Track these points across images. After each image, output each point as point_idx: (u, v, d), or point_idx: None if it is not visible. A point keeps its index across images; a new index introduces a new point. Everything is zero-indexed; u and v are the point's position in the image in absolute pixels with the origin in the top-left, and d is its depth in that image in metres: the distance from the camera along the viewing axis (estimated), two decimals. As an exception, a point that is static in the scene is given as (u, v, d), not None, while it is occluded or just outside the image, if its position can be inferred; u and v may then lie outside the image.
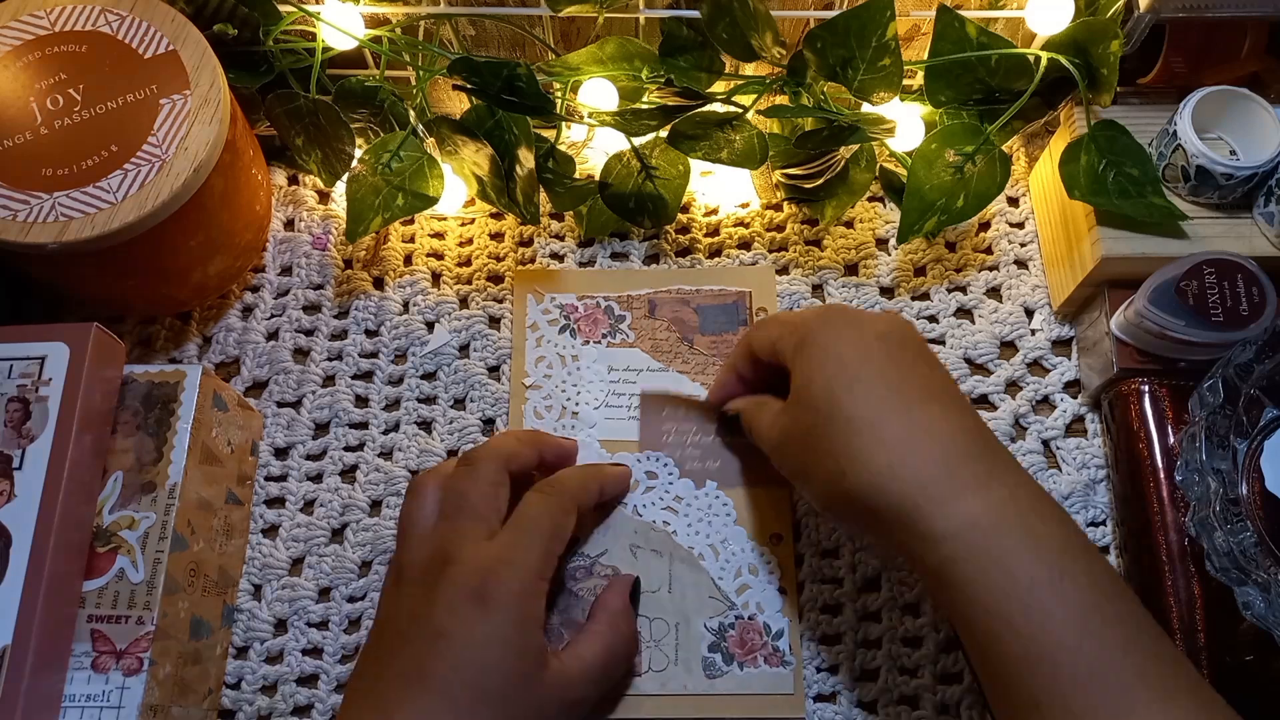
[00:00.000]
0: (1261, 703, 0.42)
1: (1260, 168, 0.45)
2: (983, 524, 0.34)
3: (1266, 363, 0.42)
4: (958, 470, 0.35)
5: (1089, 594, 0.33)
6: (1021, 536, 0.34)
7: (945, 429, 0.37)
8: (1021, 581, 0.33)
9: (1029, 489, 0.36)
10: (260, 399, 0.52)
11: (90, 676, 0.41)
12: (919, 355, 0.40)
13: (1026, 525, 0.34)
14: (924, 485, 0.35)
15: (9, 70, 0.46)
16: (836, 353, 0.39)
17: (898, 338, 0.39)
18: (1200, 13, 0.47)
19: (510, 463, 0.43)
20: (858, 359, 0.38)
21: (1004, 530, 0.34)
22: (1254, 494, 0.42)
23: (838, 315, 0.41)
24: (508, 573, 0.39)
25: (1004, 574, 0.33)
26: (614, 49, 0.49)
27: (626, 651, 0.44)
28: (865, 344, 0.39)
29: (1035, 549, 0.34)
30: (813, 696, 0.46)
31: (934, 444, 0.36)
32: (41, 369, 0.43)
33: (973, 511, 0.34)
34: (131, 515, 0.43)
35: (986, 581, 0.33)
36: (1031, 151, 0.57)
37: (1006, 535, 0.34)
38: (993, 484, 0.35)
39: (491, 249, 0.56)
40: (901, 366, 0.38)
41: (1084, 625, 0.32)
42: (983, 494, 0.35)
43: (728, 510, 0.49)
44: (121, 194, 0.44)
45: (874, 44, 0.46)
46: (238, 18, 0.49)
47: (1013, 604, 0.33)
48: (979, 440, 0.37)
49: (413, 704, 0.37)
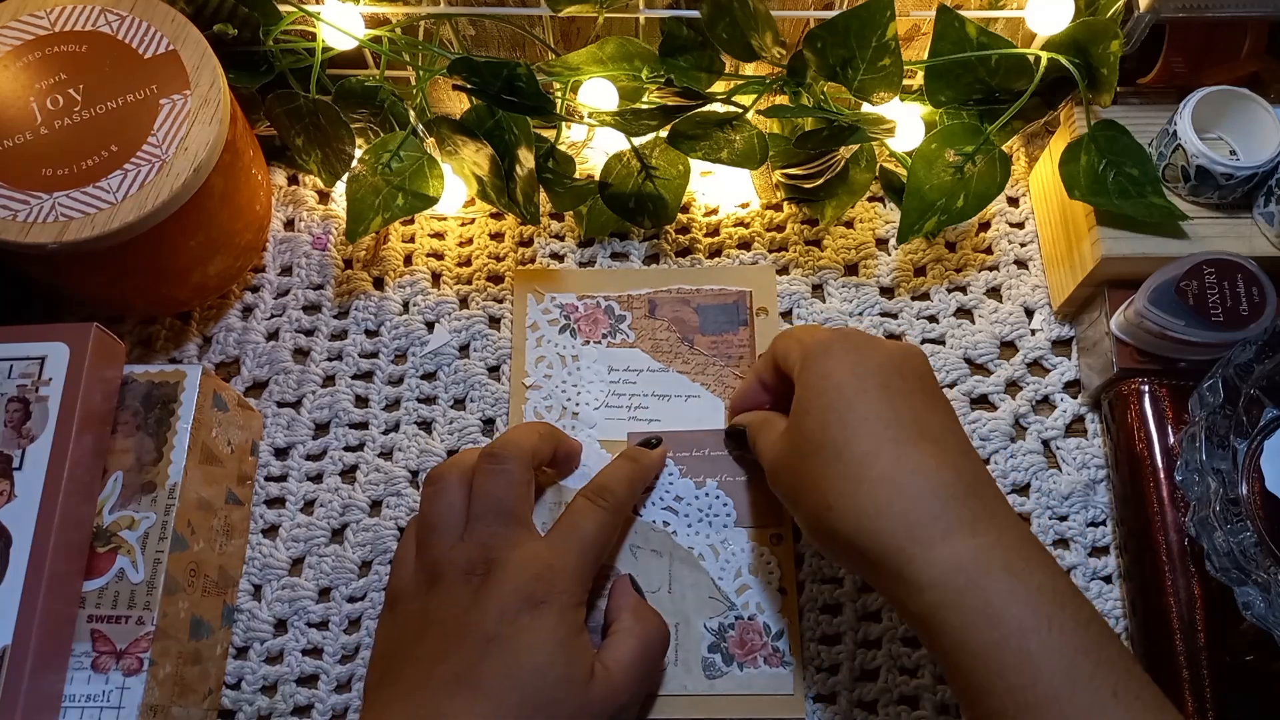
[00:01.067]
0: (1261, 703, 0.42)
1: (1260, 168, 0.45)
2: (968, 569, 0.34)
3: (1266, 363, 0.42)
4: (944, 514, 0.35)
5: (1077, 640, 0.32)
6: (1008, 582, 0.33)
7: (934, 469, 0.36)
8: (1009, 629, 0.32)
9: (1016, 533, 0.35)
10: (260, 399, 0.52)
11: (90, 676, 0.41)
12: (918, 388, 0.39)
13: (1013, 570, 0.34)
14: (909, 528, 0.35)
15: (9, 70, 0.46)
16: (835, 381, 0.39)
17: (897, 368, 0.39)
18: (1200, 13, 0.47)
19: (534, 459, 0.44)
20: (854, 389, 0.38)
21: (989, 576, 0.33)
22: (1254, 494, 0.42)
23: (842, 341, 0.40)
24: (559, 580, 0.39)
25: (990, 622, 0.33)
26: (614, 49, 0.49)
27: (661, 639, 0.43)
28: (864, 374, 0.38)
29: (1023, 595, 0.33)
30: (812, 696, 0.46)
31: (922, 485, 0.35)
32: (41, 369, 0.43)
33: (958, 556, 0.34)
34: (131, 515, 0.43)
35: (973, 629, 0.33)
36: (1031, 151, 0.57)
37: (992, 581, 0.33)
38: (979, 528, 0.35)
39: (491, 249, 0.56)
40: (897, 400, 0.38)
41: (1074, 673, 0.32)
42: (969, 539, 0.34)
43: (728, 510, 0.49)
44: (121, 194, 0.44)
45: (874, 44, 0.46)
46: (238, 18, 0.49)
47: (1000, 653, 0.32)
48: (969, 482, 0.36)
49: (465, 708, 0.37)
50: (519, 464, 0.42)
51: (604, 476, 0.45)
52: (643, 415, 0.51)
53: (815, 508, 0.37)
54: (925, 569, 0.34)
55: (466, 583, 0.40)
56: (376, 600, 0.48)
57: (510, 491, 0.41)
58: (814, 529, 0.38)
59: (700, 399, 0.51)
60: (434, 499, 0.42)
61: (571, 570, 0.40)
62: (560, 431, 0.48)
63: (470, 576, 0.40)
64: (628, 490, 0.45)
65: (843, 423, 0.37)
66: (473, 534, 0.41)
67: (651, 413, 0.51)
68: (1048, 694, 0.32)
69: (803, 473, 0.38)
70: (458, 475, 0.42)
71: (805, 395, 0.39)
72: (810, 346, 0.40)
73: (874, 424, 0.37)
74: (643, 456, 0.48)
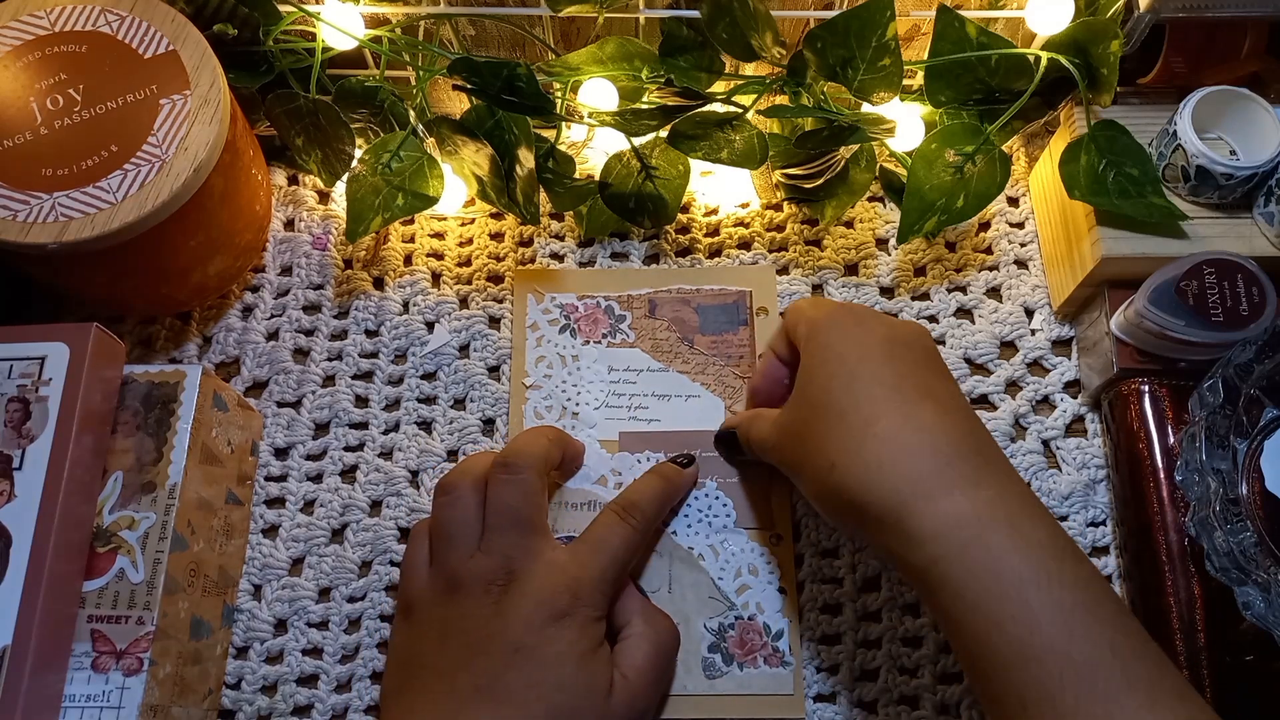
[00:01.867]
0: (1261, 703, 0.42)
1: (1260, 168, 0.45)
2: (969, 523, 0.34)
3: (1266, 363, 0.42)
4: (946, 469, 0.35)
5: (1077, 595, 0.33)
6: (1009, 536, 0.34)
7: (938, 427, 0.36)
8: (1009, 582, 0.33)
9: (1018, 490, 0.36)
10: (260, 399, 0.52)
11: (90, 676, 0.41)
12: (923, 359, 0.39)
13: (1014, 525, 0.34)
14: (912, 482, 0.35)
15: (9, 70, 0.46)
16: (838, 351, 0.39)
17: (903, 340, 0.39)
18: (1200, 13, 0.47)
19: (547, 466, 0.44)
20: (857, 357, 0.39)
21: (991, 530, 0.34)
22: (1254, 494, 0.42)
23: (848, 314, 0.41)
24: (584, 592, 0.40)
25: (991, 574, 0.33)
26: (614, 49, 0.49)
27: (673, 641, 0.44)
28: (868, 343, 0.39)
29: (1023, 549, 0.33)
30: (813, 696, 0.46)
31: (924, 441, 0.36)
32: (41, 369, 0.43)
33: (960, 510, 0.34)
34: (131, 515, 0.43)
35: (973, 581, 0.33)
36: (1031, 151, 0.57)
37: (994, 534, 0.34)
38: (981, 483, 0.35)
39: (491, 249, 0.56)
40: (901, 367, 0.38)
41: (1071, 627, 0.32)
42: (970, 493, 0.35)
43: (727, 510, 0.49)
44: (121, 194, 0.44)
45: (874, 44, 0.46)
46: (238, 18, 0.49)
47: (1000, 605, 0.33)
48: (971, 440, 0.37)
49: (487, 716, 0.37)
50: (533, 472, 0.42)
51: (635, 493, 0.45)
52: (643, 415, 0.51)
53: (819, 468, 0.38)
54: (927, 521, 0.34)
55: (487, 593, 0.40)
56: (376, 600, 0.48)
57: (526, 501, 0.41)
58: (818, 490, 0.38)
59: (700, 399, 0.51)
60: (448, 508, 0.42)
61: (595, 584, 0.40)
62: (566, 435, 0.48)
63: (491, 587, 0.40)
64: (657, 510, 0.45)
65: (846, 387, 0.38)
66: (490, 544, 0.41)
67: (651, 413, 0.51)
68: (1046, 646, 0.32)
69: (807, 436, 0.39)
70: (470, 483, 0.42)
71: (810, 364, 0.40)
72: (816, 319, 0.41)
73: (877, 387, 0.37)
74: (675, 475, 0.47)
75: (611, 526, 0.43)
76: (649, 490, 0.45)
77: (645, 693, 0.40)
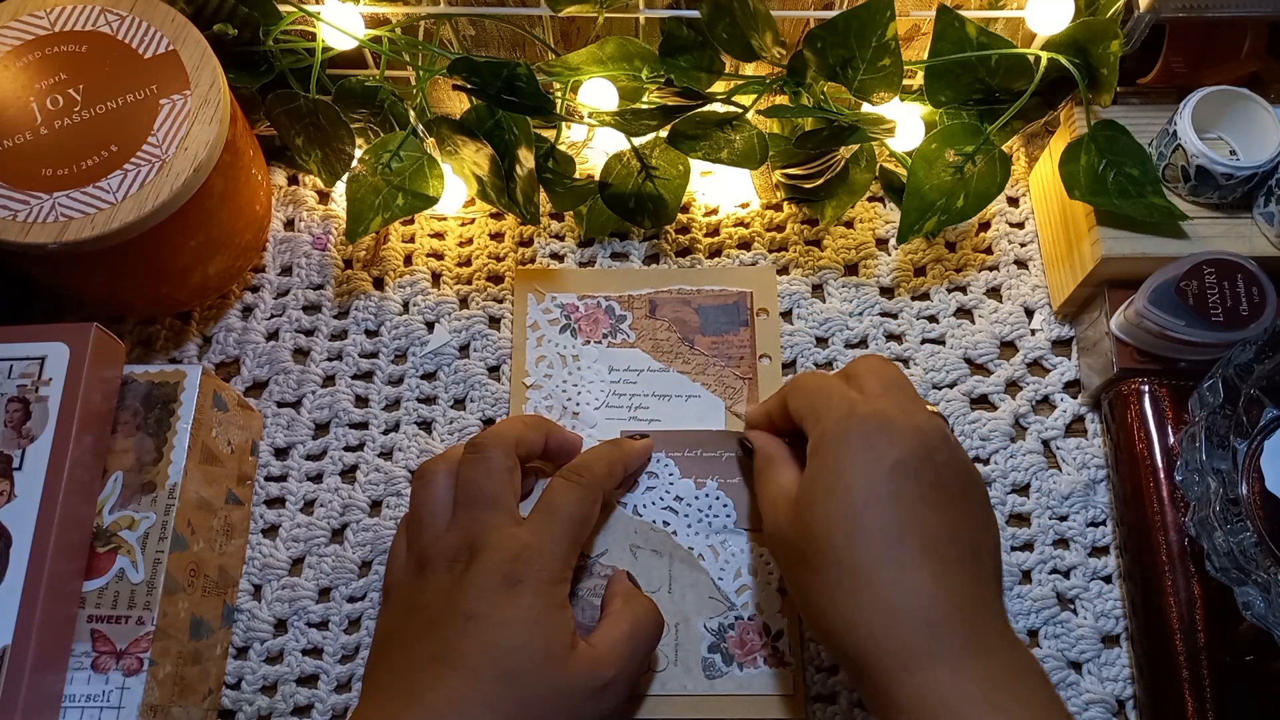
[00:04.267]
0: (1261, 703, 0.42)
1: (1260, 168, 0.45)
2: (950, 700, 0.33)
3: (1266, 363, 0.42)
4: (934, 642, 0.34)
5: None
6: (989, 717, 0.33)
7: (933, 594, 0.35)
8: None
9: (1006, 660, 0.35)
10: (260, 399, 0.52)
11: (90, 676, 0.41)
12: (932, 489, 0.37)
13: (995, 705, 0.33)
14: (894, 653, 0.34)
15: (9, 70, 0.46)
16: (847, 482, 0.37)
17: (913, 467, 0.37)
18: (1200, 13, 0.47)
19: (519, 447, 0.44)
20: (863, 499, 0.37)
21: (971, 711, 0.33)
22: (1254, 494, 0.42)
23: (859, 430, 0.38)
24: (536, 558, 0.40)
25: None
26: (614, 49, 0.49)
27: (652, 621, 0.43)
28: (875, 477, 0.37)
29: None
30: (813, 696, 0.46)
31: (917, 612, 0.35)
32: (41, 369, 0.43)
33: (941, 686, 0.34)
34: (131, 515, 0.43)
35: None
36: (1031, 151, 0.57)
37: (973, 716, 0.33)
38: (969, 658, 0.34)
39: (491, 249, 0.56)
40: (905, 512, 0.37)
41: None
42: (955, 669, 0.34)
43: (728, 511, 0.49)
44: (121, 194, 0.44)
45: (874, 44, 0.46)
46: (238, 18, 0.49)
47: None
48: (967, 605, 0.35)
49: (442, 684, 0.37)
50: (500, 451, 0.43)
51: (583, 456, 0.46)
52: (643, 415, 0.51)
53: (813, 605, 0.37)
54: (908, 692, 0.34)
55: (450, 569, 0.40)
56: (376, 600, 0.48)
57: (490, 478, 0.42)
58: (809, 620, 0.39)
59: (701, 399, 0.51)
60: (420, 491, 0.43)
61: (549, 548, 0.40)
62: (553, 423, 0.48)
63: (454, 563, 0.40)
64: (605, 468, 0.45)
65: (848, 534, 0.37)
66: (457, 521, 0.41)
67: (652, 413, 0.51)
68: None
69: (800, 567, 0.38)
70: (445, 468, 0.43)
71: (814, 486, 0.39)
72: (828, 429, 0.39)
73: (878, 542, 0.36)
74: (624, 443, 0.48)
75: (559, 489, 0.43)
76: (596, 452, 0.47)
77: (612, 664, 0.40)
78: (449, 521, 0.42)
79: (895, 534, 0.36)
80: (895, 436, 0.38)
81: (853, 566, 0.36)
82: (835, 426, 0.39)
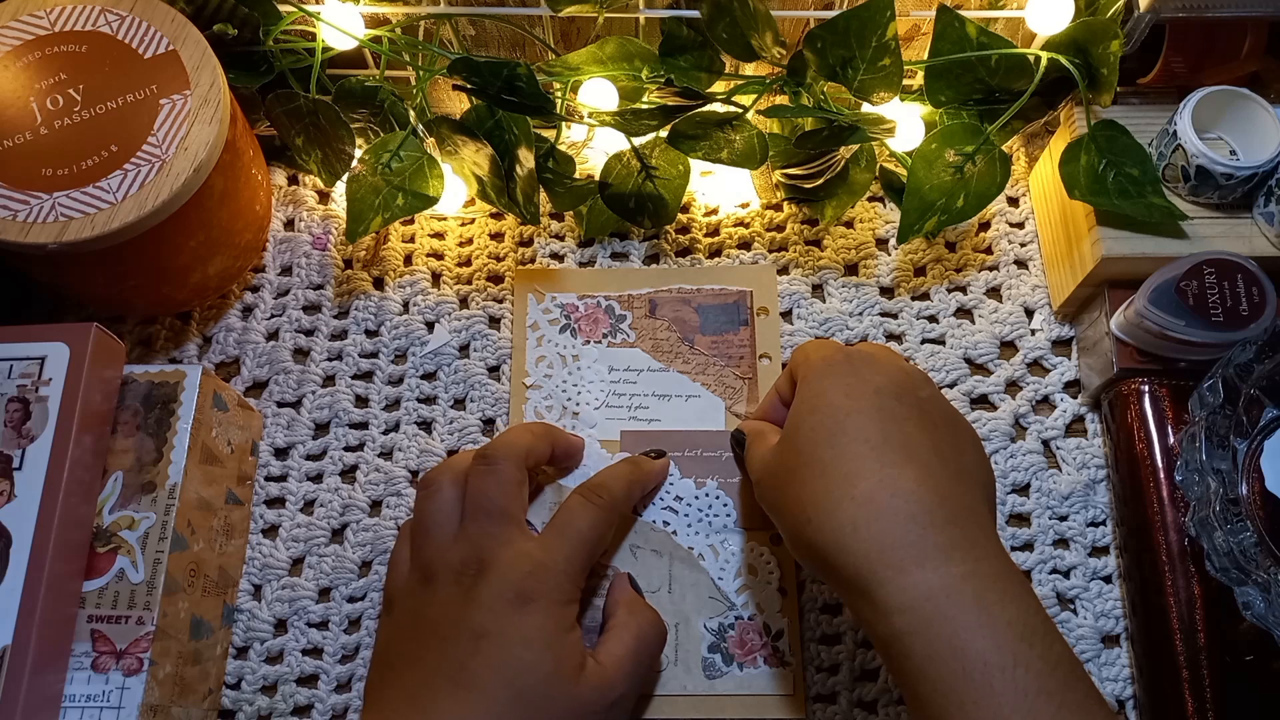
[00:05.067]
0: (1261, 703, 0.42)
1: (1260, 168, 0.45)
2: (937, 598, 0.33)
3: (1266, 363, 0.42)
4: (920, 539, 0.34)
5: (1043, 681, 0.32)
6: (977, 614, 0.33)
7: (916, 494, 0.35)
8: (973, 662, 0.32)
9: (993, 565, 0.35)
10: (260, 399, 0.52)
11: (90, 676, 0.41)
12: (915, 413, 0.38)
13: (983, 605, 0.33)
14: (883, 550, 0.34)
15: (9, 70, 0.46)
16: (829, 399, 0.38)
17: (896, 392, 0.38)
18: (1200, 13, 0.47)
19: (528, 459, 0.44)
20: (846, 409, 0.38)
21: (959, 607, 0.33)
22: (1254, 494, 0.42)
23: (843, 361, 0.40)
24: (548, 577, 0.40)
25: (955, 654, 0.32)
26: (614, 49, 0.49)
27: (655, 633, 0.43)
28: (860, 395, 0.38)
29: (990, 629, 0.33)
30: (813, 696, 0.46)
31: (900, 508, 0.35)
32: (41, 369, 0.43)
33: (929, 584, 0.33)
34: (131, 515, 0.43)
35: (937, 659, 0.33)
36: (1031, 151, 0.57)
37: (961, 612, 0.33)
38: (954, 557, 0.34)
39: (491, 249, 0.56)
40: (888, 424, 0.37)
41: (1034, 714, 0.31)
42: (942, 567, 0.34)
43: (728, 510, 0.49)
44: (121, 194, 0.44)
45: (874, 44, 0.46)
46: (238, 18, 0.49)
47: (963, 684, 0.32)
48: (952, 507, 0.35)
49: (453, 703, 0.37)
50: (511, 464, 0.42)
51: (602, 475, 0.46)
52: (643, 415, 0.51)
53: (796, 520, 0.37)
54: (895, 594, 0.34)
55: (459, 582, 0.40)
56: (376, 600, 0.48)
57: (502, 491, 0.42)
58: (793, 541, 0.38)
59: (700, 399, 0.51)
60: (427, 501, 0.43)
61: (562, 567, 0.40)
62: (558, 429, 0.48)
63: (462, 576, 0.40)
64: (624, 490, 0.45)
65: (831, 440, 0.37)
66: (465, 534, 0.41)
67: (652, 413, 0.51)
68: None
69: (788, 485, 0.38)
70: (451, 477, 0.43)
71: (799, 410, 0.39)
72: (814, 363, 0.40)
73: (861, 445, 0.37)
74: (643, 463, 0.48)
75: (577, 509, 0.43)
76: (616, 472, 0.46)
77: (620, 680, 0.40)
78: (456, 533, 0.41)
79: (879, 438, 0.37)
80: (880, 368, 0.39)
81: (837, 468, 0.36)
82: (821, 361, 0.40)
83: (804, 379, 0.40)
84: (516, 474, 0.42)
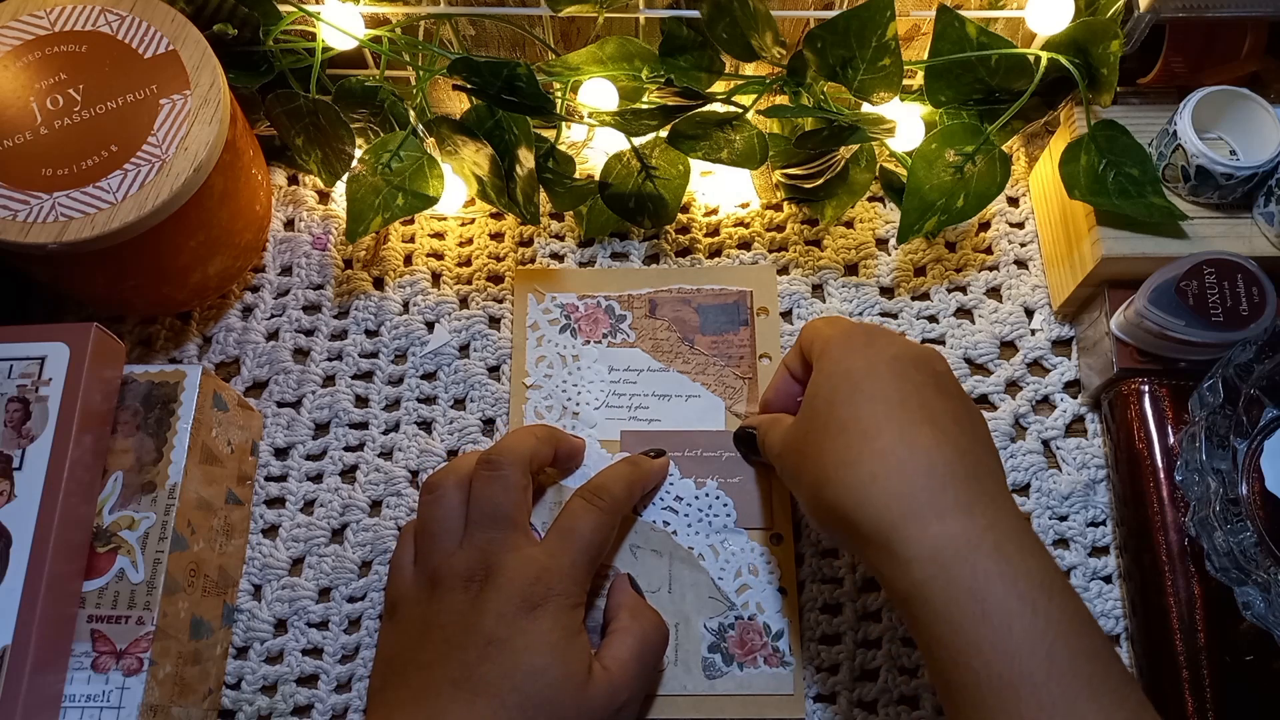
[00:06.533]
0: (1261, 703, 0.42)
1: (1260, 168, 0.45)
2: (958, 547, 0.34)
3: (1266, 363, 0.42)
4: (940, 492, 0.35)
5: (1061, 629, 0.32)
6: (997, 563, 0.33)
7: (935, 449, 0.36)
8: (993, 607, 0.33)
9: (1012, 520, 0.35)
10: (260, 399, 0.52)
11: (90, 676, 0.41)
12: (931, 380, 0.39)
13: (1003, 554, 0.34)
14: (903, 501, 0.35)
15: (9, 70, 0.46)
16: (846, 366, 0.39)
17: (912, 360, 0.39)
18: (1200, 13, 0.47)
19: (532, 464, 0.44)
20: (864, 373, 0.38)
21: (979, 555, 0.33)
22: (1254, 494, 0.42)
23: (861, 332, 0.41)
24: (555, 582, 0.40)
25: (975, 599, 0.33)
26: (614, 49, 0.49)
27: (659, 636, 0.43)
28: (876, 360, 0.39)
29: (1010, 577, 0.33)
30: (813, 696, 0.46)
31: (920, 462, 0.35)
32: (41, 369, 0.43)
33: (949, 534, 0.34)
34: (131, 515, 0.43)
35: (956, 604, 0.33)
36: (1031, 151, 0.57)
37: (981, 560, 0.33)
38: (974, 510, 0.35)
39: (491, 249, 0.56)
40: (906, 386, 0.38)
41: (1052, 661, 0.32)
42: (962, 518, 0.34)
43: (728, 510, 0.49)
44: (121, 194, 0.44)
45: (874, 44, 0.46)
46: (238, 18, 0.49)
47: (981, 629, 0.32)
48: (969, 465, 0.36)
49: (462, 708, 0.37)
50: (516, 469, 0.42)
51: (602, 477, 0.46)
52: (643, 415, 0.51)
53: (815, 481, 0.38)
54: (915, 545, 0.34)
55: (466, 588, 0.40)
56: (376, 600, 0.48)
57: (507, 497, 0.42)
58: (812, 503, 0.38)
59: (700, 399, 0.51)
60: (432, 506, 0.43)
61: (567, 571, 0.40)
62: (560, 431, 0.48)
63: (470, 583, 0.40)
64: (624, 491, 0.45)
65: (850, 401, 0.38)
66: (471, 540, 0.41)
67: (652, 413, 0.51)
68: (1021, 674, 0.32)
69: (807, 448, 0.39)
70: (455, 481, 0.43)
71: (819, 379, 0.40)
72: (831, 337, 0.41)
73: (879, 403, 0.37)
74: (643, 463, 0.48)
75: (579, 512, 0.43)
76: (616, 473, 0.46)
77: (626, 684, 0.40)
78: (462, 538, 0.41)
79: (897, 400, 0.37)
80: (895, 340, 0.40)
81: (856, 425, 0.37)
82: (839, 334, 0.41)
83: (822, 352, 0.41)
84: (521, 479, 0.43)
